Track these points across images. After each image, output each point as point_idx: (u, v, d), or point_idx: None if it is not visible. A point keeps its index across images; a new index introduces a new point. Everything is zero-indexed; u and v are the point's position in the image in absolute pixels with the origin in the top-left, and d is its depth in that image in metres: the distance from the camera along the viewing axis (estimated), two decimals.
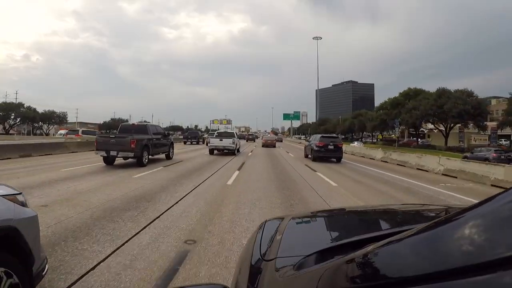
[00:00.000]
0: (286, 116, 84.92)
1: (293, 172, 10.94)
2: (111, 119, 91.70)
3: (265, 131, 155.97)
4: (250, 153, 20.04)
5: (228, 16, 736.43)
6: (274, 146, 28.76)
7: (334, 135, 22.16)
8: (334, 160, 15.78)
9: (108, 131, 56.58)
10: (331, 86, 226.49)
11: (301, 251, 0.81)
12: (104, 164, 10.89)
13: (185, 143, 32.57)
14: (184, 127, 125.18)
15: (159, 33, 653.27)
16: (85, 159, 12.81)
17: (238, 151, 19.43)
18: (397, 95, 49.51)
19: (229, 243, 3.62)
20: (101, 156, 10.74)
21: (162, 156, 13.58)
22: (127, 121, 66.38)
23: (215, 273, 2.83)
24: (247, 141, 45.70)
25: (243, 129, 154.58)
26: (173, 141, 14.42)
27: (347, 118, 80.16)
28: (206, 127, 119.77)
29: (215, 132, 20.32)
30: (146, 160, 10.99)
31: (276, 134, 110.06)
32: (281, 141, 52.25)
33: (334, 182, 8.82)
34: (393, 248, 0.50)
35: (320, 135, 16.89)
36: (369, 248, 0.55)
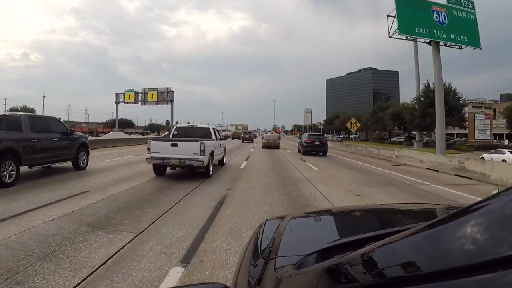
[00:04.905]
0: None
1: None
2: None
3: (265, 129, 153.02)
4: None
5: (228, 13, 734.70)
6: (278, 147, 24.02)
7: (320, 133, 26.11)
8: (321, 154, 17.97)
9: None
10: (344, 75, 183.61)
11: (301, 251, 0.81)
12: None
13: None
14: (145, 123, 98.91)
15: (159, 31, 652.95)
16: None
17: (222, 163, 11.01)
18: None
19: None
20: None
21: (69, 164, 8.90)
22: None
23: None
24: (242, 141, 35.92)
25: (240, 127, 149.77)
26: (86, 141, 9.62)
27: None
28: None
29: (174, 128, 10.62)
30: (12, 178, 6.46)
31: (278, 132, 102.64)
32: (279, 139, 50.86)
33: None
34: (393, 247, 0.50)
35: (308, 133, 21.05)
36: (369, 247, 0.55)
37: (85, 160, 9.42)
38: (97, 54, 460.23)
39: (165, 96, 39.65)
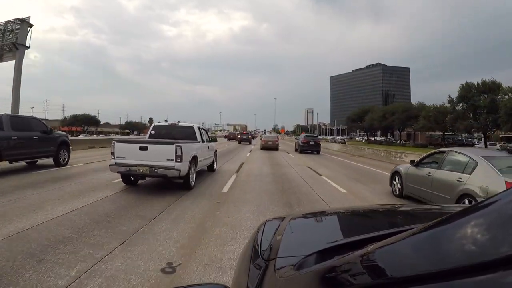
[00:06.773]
0: None
1: None
2: None
3: (265, 130, 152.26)
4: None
5: (228, 13, 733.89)
6: (277, 149, 23.00)
7: (314, 134, 29.24)
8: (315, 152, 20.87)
9: None
10: (350, 71, 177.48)
11: (301, 251, 0.80)
12: None
13: None
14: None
15: (159, 30, 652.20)
16: None
17: (212, 169, 9.49)
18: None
19: None
20: None
21: (50, 161, 9.55)
22: None
23: None
24: (239, 143, 32.36)
25: (238, 127, 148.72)
26: (67, 140, 10.12)
27: None
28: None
29: (152, 127, 8.60)
30: None
31: (282, 132, 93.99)
32: (278, 140, 48.21)
33: None
34: (393, 248, 0.50)
35: (304, 134, 24.83)
36: (369, 248, 0.55)
37: (66, 158, 10.01)
38: (96, 53, 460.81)
39: (7, 37, 15.32)
